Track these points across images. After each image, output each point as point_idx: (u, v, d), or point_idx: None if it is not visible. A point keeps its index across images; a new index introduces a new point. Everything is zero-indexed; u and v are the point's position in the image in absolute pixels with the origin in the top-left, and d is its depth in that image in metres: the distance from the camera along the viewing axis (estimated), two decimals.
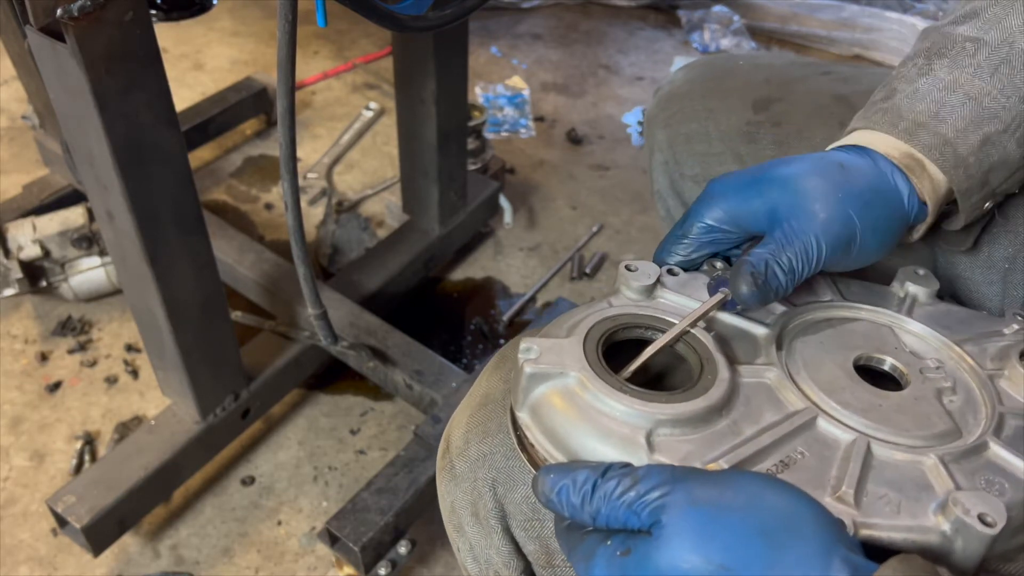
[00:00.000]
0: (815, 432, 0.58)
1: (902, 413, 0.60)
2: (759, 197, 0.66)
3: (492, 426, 0.71)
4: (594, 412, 0.57)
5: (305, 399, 1.64)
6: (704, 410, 0.57)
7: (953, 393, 0.63)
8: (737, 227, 0.68)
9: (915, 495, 0.54)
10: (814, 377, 0.62)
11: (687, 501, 0.48)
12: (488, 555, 0.69)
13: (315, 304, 1.23)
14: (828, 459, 0.56)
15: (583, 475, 0.51)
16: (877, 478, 0.55)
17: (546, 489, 0.53)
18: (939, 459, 0.56)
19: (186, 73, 2.45)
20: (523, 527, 0.68)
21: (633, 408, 0.56)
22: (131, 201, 1.02)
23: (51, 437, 1.54)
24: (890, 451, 0.57)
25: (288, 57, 0.92)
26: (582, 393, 0.58)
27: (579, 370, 0.58)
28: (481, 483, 0.69)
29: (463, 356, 1.74)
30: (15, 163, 2.09)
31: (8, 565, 1.36)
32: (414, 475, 1.31)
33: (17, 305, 1.76)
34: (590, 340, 0.61)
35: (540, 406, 0.59)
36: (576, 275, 1.91)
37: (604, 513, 0.50)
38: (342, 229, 1.99)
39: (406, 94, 1.58)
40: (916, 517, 0.52)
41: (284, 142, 1.01)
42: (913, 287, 0.71)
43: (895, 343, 0.68)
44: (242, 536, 1.43)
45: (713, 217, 0.68)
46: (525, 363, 0.59)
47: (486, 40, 2.65)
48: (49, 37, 0.89)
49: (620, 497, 0.50)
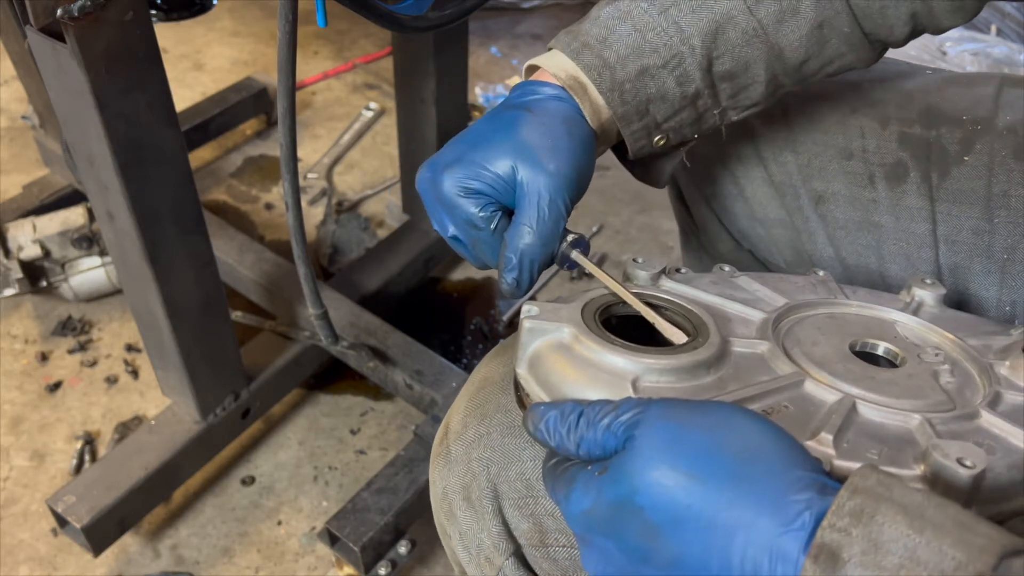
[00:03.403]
0: (801, 391, 0.59)
1: (894, 384, 0.60)
2: (494, 160, 0.67)
3: (490, 407, 0.71)
4: (585, 362, 0.59)
5: (305, 399, 1.64)
6: (691, 363, 0.58)
7: (951, 375, 0.62)
8: (489, 192, 0.68)
9: (897, 447, 0.53)
10: (807, 353, 0.63)
11: (658, 416, 0.50)
12: (479, 539, 0.70)
13: (315, 304, 1.23)
14: (811, 413, 0.56)
15: (570, 406, 0.54)
16: (859, 431, 0.55)
17: (535, 418, 0.55)
18: (926, 419, 0.55)
19: (186, 73, 2.45)
20: (516, 505, 0.68)
21: (622, 357, 0.58)
22: (131, 201, 1.02)
23: (51, 437, 1.55)
24: (876, 411, 0.57)
25: (288, 57, 0.92)
26: (575, 345, 0.60)
27: (574, 325, 0.61)
28: (476, 463, 0.70)
29: (463, 356, 1.74)
30: (15, 163, 2.09)
31: (8, 565, 1.36)
32: (414, 475, 1.32)
33: (17, 305, 1.76)
34: (588, 308, 0.64)
35: (537, 359, 0.61)
36: (576, 275, 1.91)
37: (587, 438, 0.52)
38: (342, 229, 1.99)
39: (406, 94, 1.58)
40: (896, 464, 0.52)
41: (284, 142, 1.01)
42: (920, 292, 0.71)
43: (894, 333, 0.68)
44: (242, 536, 1.43)
45: (470, 182, 0.68)
46: (525, 319, 0.62)
47: (486, 40, 2.65)
48: (49, 37, 0.90)
49: (600, 420, 0.52)
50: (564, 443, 0.53)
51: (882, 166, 0.86)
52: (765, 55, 0.72)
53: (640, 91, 0.71)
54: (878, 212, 0.86)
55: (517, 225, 0.67)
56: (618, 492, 0.49)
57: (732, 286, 0.71)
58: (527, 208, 0.67)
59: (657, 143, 0.75)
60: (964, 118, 0.84)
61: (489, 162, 0.67)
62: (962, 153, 0.83)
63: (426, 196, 0.70)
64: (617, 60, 0.71)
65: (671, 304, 0.66)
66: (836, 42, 0.73)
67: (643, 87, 0.71)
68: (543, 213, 0.67)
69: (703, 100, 0.73)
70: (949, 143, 0.83)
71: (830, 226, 0.89)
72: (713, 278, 0.72)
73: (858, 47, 0.74)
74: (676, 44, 0.70)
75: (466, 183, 0.67)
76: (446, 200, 0.68)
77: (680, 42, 0.70)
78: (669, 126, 0.74)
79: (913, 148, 0.85)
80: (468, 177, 0.67)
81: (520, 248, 0.67)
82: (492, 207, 0.68)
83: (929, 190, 0.84)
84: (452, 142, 0.71)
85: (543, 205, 0.67)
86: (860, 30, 0.73)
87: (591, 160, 0.71)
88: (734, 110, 0.76)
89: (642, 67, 0.71)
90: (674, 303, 0.66)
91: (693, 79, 0.72)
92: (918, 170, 0.84)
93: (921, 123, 0.85)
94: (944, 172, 0.83)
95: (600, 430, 0.51)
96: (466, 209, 0.68)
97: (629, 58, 0.71)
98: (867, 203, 0.87)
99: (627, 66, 0.70)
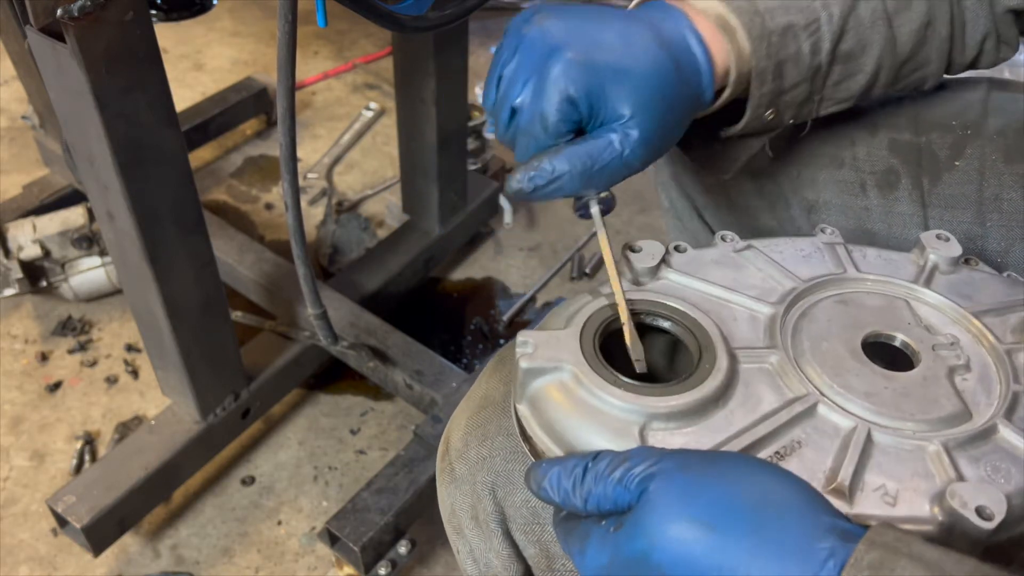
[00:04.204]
0: (814, 420, 0.57)
1: (908, 396, 0.59)
2: (617, 98, 0.65)
3: (491, 429, 0.70)
4: (588, 406, 0.57)
5: (305, 399, 1.64)
6: (698, 403, 0.56)
7: (967, 371, 0.61)
8: (586, 110, 0.66)
9: (913, 485, 0.53)
10: (818, 358, 0.61)
11: (675, 468, 0.49)
12: (488, 558, 0.69)
13: (315, 304, 1.23)
14: (826, 449, 0.55)
15: (574, 461, 0.53)
16: (875, 467, 0.54)
17: (538, 477, 0.54)
18: (942, 446, 0.55)
19: (186, 73, 2.45)
20: (523, 530, 0.68)
21: (626, 402, 0.56)
22: (131, 201, 1.02)
23: (51, 437, 1.55)
24: (891, 437, 0.56)
25: (288, 57, 0.92)
26: (576, 387, 0.58)
27: (574, 364, 0.58)
28: (481, 486, 0.69)
29: (463, 356, 1.74)
30: (15, 163, 2.09)
31: (8, 565, 1.36)
32: (414, 475, 1.32)
33: (17, 305, 1.76)
34: (587, 331, 0.61)
35: (537, 400, 0.59)
36: (576, 275, 1.91)
37: (595, 493, 0.51)
38: (342, 229, 1.99)
39: (406, 94, 1.58)
40: (913, 508, 0.52)
41: (284, 142, 1.01)
42: (934, 254, 0.69)
43: (908, 318, 0.65)
44: (242, 536, 1.43)
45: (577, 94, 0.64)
46: (521, 358, 0.60)
47: (486, 40, 2.65)
48: (49, 37, 0.89)
49: (610, 474, 0.50)
50: (570, 499, 0.52)
51: (873, 174, 0.85)
52: (883, 41, 0.74)
53: (781, 48, 0.71)
54: (871, 220, 0.86)
55: (579, 146, 0.65)
56: (635, 548, 0.48)
57: (736, 266, 0.69)
58: (601, 154, 0.65)
59: (768, 116, 0.75)
60: (953, 123, 0.84)
61: (613, 95, 0.64)
62: (953, 158, 0.83)
63: (523, 45, 0.65)
64: (766, 10, 0.71)
65: (675, 313, 0.64)
66: (931, 46, 0.76)
67: (784, 45, 0.71)
68: (609, 170, 0.65)
69: (819, 78, 0.74)
70: (940, 148, 0.83)
71: None
72: (716, 255, 0.69)
73: (943, 58, 0.77)
74: (818, 8, 0.72)
75: (573, 91, 0.63)
76: (543, 82, 0.64)
77: (821, 6, 0.72)
78: (786, 99, 0.74)
79: (904, 154, 0.85)
80: (582, 88, 0.64)
81: (566, 164, 0.64)
82: (573, 123, 0.65)
83: (921, 196, 0.84)
84: (593, 25, 0.66)
85: (615, 165, 0.65)
86: (951, 40, 0.76)
87: (681, 126, 0.70)
88: (829, 101, 0.77)
89: (788, 23, 0.71)
90: (678, 312, 0.64)
91: (822, 49, 0.72)
92: (909, 176, 0.84)
93: (911, 129, 0.85)
94: (935, 178, 0.83)
95: (611, 484, 0.50)
96: (550, 107, 0.64)
97: (777, 11, 0.71)
98: (859, 211, 0.86)
99: (776, 18, 0.71)
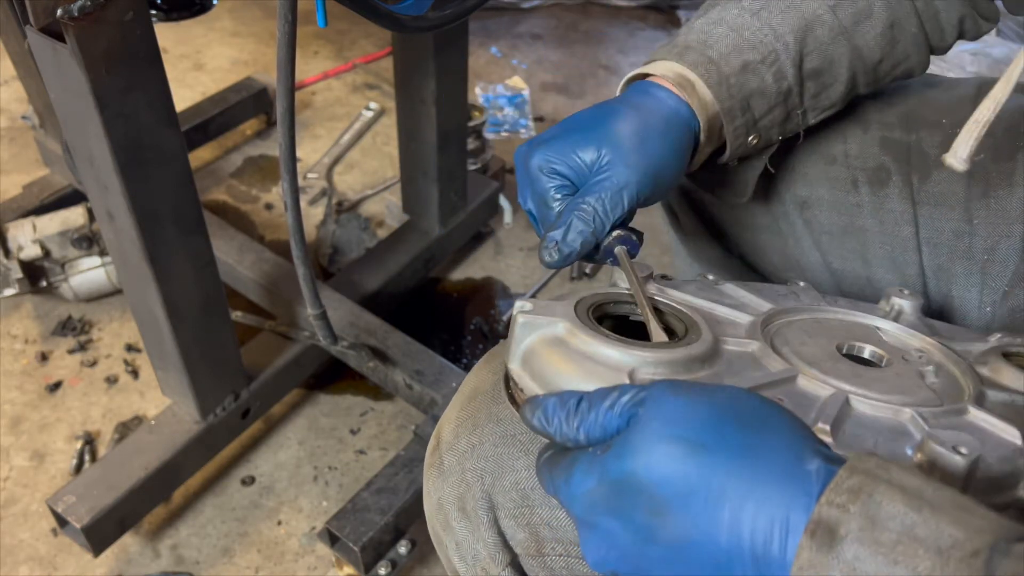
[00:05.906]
0: (794, 387, 0.59)
1: (883, 382, 0.61)
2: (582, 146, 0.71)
3: (481, 417, 0.71)
4: (581, 355, 0.59)
5: (305, 399, 1.64)
6: (685, 358, 0.59)
7: (935, 376, 0.63)
8: (570, 175, 0.72)
9: (892, 438, 0.54)
10: (797, 352, 0.63)
11: (664, 392, 0.50)
12: (475, 550, 0.69)
13: (315, 304, 1.23)
14: (806, 406, 0.56)
15: (570, 393, 0.53)
16: (854, 423, 0.55)
17: (534, 406, 0.54)
18: (916, 412, 0.56)
19: (186, 73, 2.45)
20: (512, 515, 0.68)
21: (617, 350, 0.58)
22: (131, 201, 1.02)
23: (51, 437, 1.55)
24: (868, 405, 0.57)
25: (288, 57, 0.92)
26: (570, 339, 0.60)
27: (568, 320, 0.61)
28: (470, 474, 0.69)
29: (463, 356, 1.74)
30: (15, 163, 2.09)
31: (8, 565, 1.36)
32: (414, 475, 1.32)
33: (17, 305, 1.76)
34: (581, 305, 0.65)
35: (531, 354, 0.61)
36: (576, 275, 1.91)
37: (588, 420, 0.51)
38: (342, 229, 1.99)
39: (406, 94, 1.58)
40: (893, 452, 0.52)
41: (284, 142, 1.01)
42: (899, 301, 0.73)
43: (878, 337, 0.69)
44: (242, 536, 1.43)
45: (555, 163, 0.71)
46: (519, 314, 0.62)
47: (486, 40, 2.65)
48: (49, 37, 0.90)
49: (603, 402, 0.51)
50: (563, 428, 0.52)
51: (864, 170, 0.86)
52: (848, 53, 0.78)
53: (743, 85, 0.75)
54: (862, 216, 0.87)
55: (576, 201, 0.70)
56: (623, 467, 0.48)
57: (717, 292, 0.72)
58: (591, 189, 0.69)
59: (751, 142, 0.78)
60: (944, 121, 0.84)
61: (578, 147, 0.71)
62: (942, 156, 0.83)
63: (518, 168, 0.74)
64: (720, 57, 0.75)
65: (661, 304, 0.67)
66: (904, 43, 0.79)
67: (745, 81, 0.75)
68: (603, 199, 0.69)
69: (793, 98, 0.77)
70: (929, 146, 0.84)
71: (815, 231, 0.89)
72: (698, 285, 0.73)
73: (921, 49, 0.80)
74: (771, 42, 0.76)
75: (551, 163, 0.71)
76: (531, 174, 0.72)
77: (775, 39, 0.76)
78: (763, 124, 0.77)
79: (894, 152, 0.85)
80: (554, 157, 0.71)
81: (569, 221, 0.69)
82: (567, 190, 0.71)
83: (911, 193, 0.84)
84: (556, 124, 0.75)
85: (606, 192, 0.69)
86: (924, 32, 0.79)
87: (680, 162, 0.74)
88: (814, 111, 0.80)
89: (744, 62, 0.75)
90: (664, 303, 0.67)
91: (787, 75, 0.76)
92: (900, 174, 0.85)
93: (902, 127, 0.86)
94: (925, 175, 0.84)
95: (602, 412, 0.51)
96: (543, 185, 0.71)
97: (731, 54, 0.75)
98: (851, 208, 0.87)
99: (730, 61, 0.75)
